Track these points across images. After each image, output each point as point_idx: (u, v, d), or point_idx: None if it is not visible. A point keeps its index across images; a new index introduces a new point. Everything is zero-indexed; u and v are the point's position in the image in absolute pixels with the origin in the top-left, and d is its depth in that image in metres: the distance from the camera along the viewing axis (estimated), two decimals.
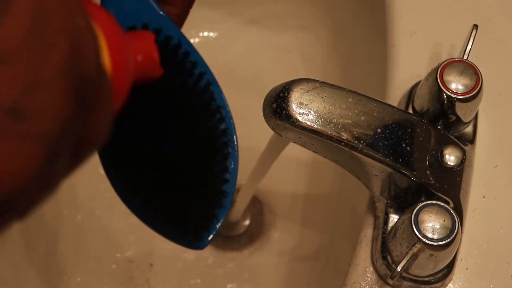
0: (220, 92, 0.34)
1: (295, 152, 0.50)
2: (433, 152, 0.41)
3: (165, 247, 0.63)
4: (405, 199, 0.42)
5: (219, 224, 0.34)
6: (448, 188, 0.42)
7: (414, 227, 0.38)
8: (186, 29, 0.35)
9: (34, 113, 0.21)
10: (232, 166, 0.34)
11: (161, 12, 0.33)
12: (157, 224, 0.35)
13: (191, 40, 0.70)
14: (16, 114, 0.21)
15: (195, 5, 0.36)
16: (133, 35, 0.31)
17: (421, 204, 0.39)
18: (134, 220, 0.35)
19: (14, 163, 0.21)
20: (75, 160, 0.24)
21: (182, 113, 0.34)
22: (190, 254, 0.63)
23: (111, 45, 0.26)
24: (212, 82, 0.34)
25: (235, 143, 0.34)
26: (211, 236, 0.34)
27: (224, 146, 0.34)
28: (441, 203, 0.39)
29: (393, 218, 0.43)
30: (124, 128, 0.32)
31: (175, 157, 0.34)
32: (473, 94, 0.42)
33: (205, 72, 0.34)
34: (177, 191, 0.34)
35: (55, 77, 0.22)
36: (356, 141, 0.39)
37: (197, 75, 0.34)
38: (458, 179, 0.43)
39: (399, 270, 0.39)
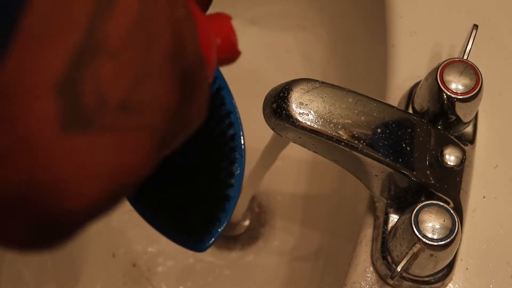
0: (231, 97, 0.34)
1: (295, 152, 0.50)
2: (433, 152, 0.41)
3: (165, 248, 0.63)
4: (405, 199, 0.42)
5: (221, 228, 0.34)
6: (448, 188, 0.42)
7: (414, 227, 0.38)
8: None
9: (143, 105, 0.21)
10: (238, 172, 0.34)
11: None
12: (161, 225, 0.35)
13: None
14: (127, 107, 0.21)
15: None
16: (211, 18, 0.30)
17: (421, 204, 0.39)
18: (134, 221, 0.35)
19: (128, 155, 0.21)
20: (174, 143, 0.25)
21: None
22: (190, 254, 0.63)
23: (201, 31, 0.26)
24: (223, 87, 0.34)
25: (243, 148, 0.34)
26: (213, 239, 0.34)
27: (231, 151, 0.34)
28: (441, 203, 0.39)
29: (393, 218, 0.43)
30: None
31: (184, 163, 0.34)
32: (473, 94, 0.42)
33: (217, 76, 0.34)
34: (184, 196, 0.34)
35: (160, 68, 0.22)
36: (356, 141, 0.39)
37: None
38: (458, 179, 0.43)
39: (399, 270, 0.39)
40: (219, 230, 0.34)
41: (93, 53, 0.20)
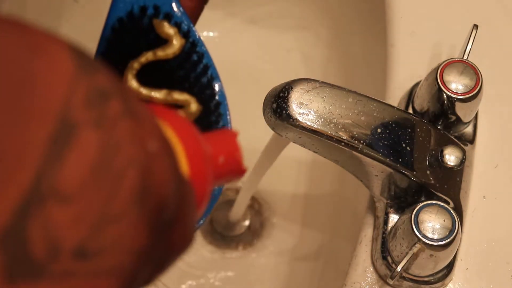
0: (221, 87, 0.34)
1: (295, 152, 0.50)
2: (433, 152, 0.41)
3: None
4: (405, 199, 0.42)
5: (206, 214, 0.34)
6: (448, 188, 0.42)
7: (414, 227, 0.38)
8: None
9: (104, 249, 0.20)
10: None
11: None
12: None
13: None
14: (83, 253, 0.20)
15: None
16: (215, 134, 0.30)
17: (421, 204, 0.39)
18: None
19: None
20: (160, 269, 0.23)
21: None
22: (189, 254, 0.63)
23: (189, 152, 0.25)
24: (215, 77, 0.34)
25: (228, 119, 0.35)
26: (201, 220, 0.34)
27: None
28: (441, 203, 0.39)
29: (393, 218, 0.43)
30: None
31: None
32: (473, 94, 0.42)
33: (210, 65, 0.34)
34: None
35: (125, 210, 0.20)
36: (356, 141, 0.39)
37: (202, 68, 0.34)
38: (458, 179, 0.43)
39: (399, 270, 0.39)
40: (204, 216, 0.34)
41: (43, 199, 0.19)
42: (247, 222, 0.64)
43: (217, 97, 0.34)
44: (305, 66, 0.69)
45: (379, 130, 0.40)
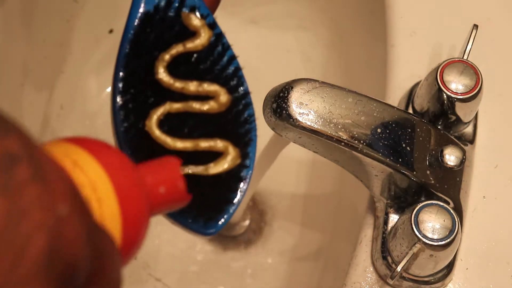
0: (244, 79, 0.34)
1: (295, 152, 0.50)
2: (433, 152, 0.41)
3: (164, 247, 0.63)
4: (405, 199, 0.42)
5: (233, 209, 0.33)
6: (448, 188, 0.42)
7: (414, 227, 0.38)
8: None
9: None
10: (252, 153, 0.34)
11: None
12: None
13: None
14: None
15: None
16: (154, 164, 0.29)
17: (421, 204, 0.39)
18: None
19: None
20: None
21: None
22: (190, 254, 0.63)
23: (120, 191, 0.25)
24: (239, 68, 0.35)
25: (256, 129, 0.34)
26: (225, 218, 0.33)
27: (247, 133, 0.34)
28: (441, 203, 0.39)
29: (393, 218, 0.43)
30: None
31: (199, 132, 0.33)
32: (473, 94, 0.42)
33: (234, 57, 0.34)
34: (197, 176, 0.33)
35: (31, 276, 0.20)
36: (356, 141, 0.39)
37: (227, 59, 0.34)
38: (458, 179, 0.43)
39: (399, 270, 0.39)
40: (231, 210, 0.33)
41: None
42: (247, 222, 0.64)
43: (242, 88, 0.34)
44: (305, 66, 0.69)
45: (379, 130, 0.40)
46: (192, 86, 0.33)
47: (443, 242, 0.38)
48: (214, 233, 0.33)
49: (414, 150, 0.40)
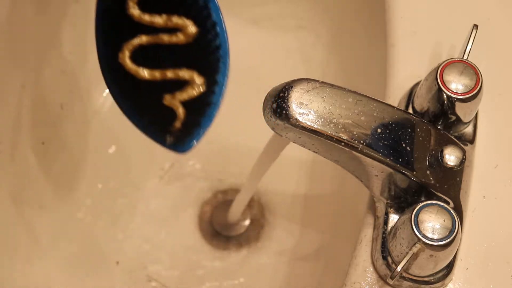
0: (218, 9, 0.37)
1: (295, 152, 0.50)
2: (433, 152, 0.41)
3: (164, 247, 0.63)
4: (405, 199, 0.42)
5: (202, 132, 0.36)
6: (448, 188, 0.42)
7: (414, 227, 0.38)
8: None
9: None
10: (221, 80, 0.37)
11: None
12: (140, 122, 0.37)
13: None
14: None
15: None
16: None
17: (421, 204, 0.39)
18: (133, 224, 0.35)
19: None
20: None
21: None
22: (189, 254, 0.63)
23: None
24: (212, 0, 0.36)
25: (227, 59, 0.37)
26: (194, 141, 0.36)
27: (216, 61, 0.37)
28: (441, 203, 0.39)
29: (393, 218, 0.43)
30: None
31: (169, 63, 0.36)
32: (473, 94, 0.42)
33: None
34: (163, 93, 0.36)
35: None
36: (356, 141, 0.39)
37: None
38: (458, 179, 0.43)
39: (399, 270, 0.39)
40: (201, 133, 0.37)
41: None
42: (247, 222, 0.64)
43: (211, 19, 0.37)
44: (305, 66, 0.69)
45: (379, 130, 0.40)
46: (161, 20, 0.36)
47: (443, 242, 0.38)
48: (185, 152, 0.37)
49: (414, 150, 0.40)
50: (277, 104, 0.39)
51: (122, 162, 0.66)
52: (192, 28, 0.37)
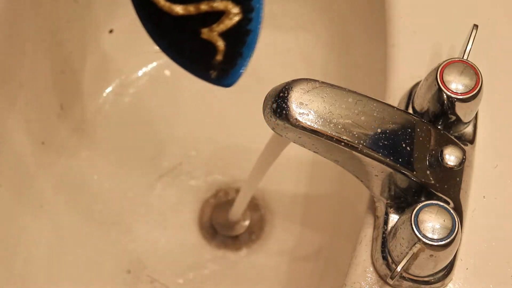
0: None
1: (295, 152, 0.50)
2: (433, 152, 0.41)
3: (164, 247, 0.63)
4: (405, 199, 0.42)
5: (246, 62, 0.36)
6: (448, 188, 0.42)
7: (414, 227, 0.38)
8: None
9: None
10: (258, 5, 0.36)
11: None
12: (183, 62, 0.37)
13: None
14: None
15: None
16: None
17: (421, 204, 0.39)
18: (133, 224, 0.35)
19: None
20: None
21: None
22: (189, 254, 0.63)
23: None
24: None
25: None
26: (240, 71, 0.36)
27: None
28: (441, 203, 0.39)
29: (393, 218, 0.43)
30: None
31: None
32: (473, 94, 0.42)
33: None
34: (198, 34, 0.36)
35: None
36: (356, 141, 0.39)
37: None
38: (458, 179, 0.43)
39: (399, 270, 0.39)
40: (245, 63, 0.37)
41: None
42: (247, 222, 0.64)
43: None
44: (305, 66, 0.69)
45: (379, 130, 0.40)
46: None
47: (443, 242, 0.38)
48: (233, 83, 0.37)
49: (414, 150, 0.40)
50: (277, 104, 0.39)
51: (122, 162, 0.66)
52: (235, 9, 0.36)
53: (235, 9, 0.36)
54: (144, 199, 0.65)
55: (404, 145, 0.40)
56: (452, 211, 0.39)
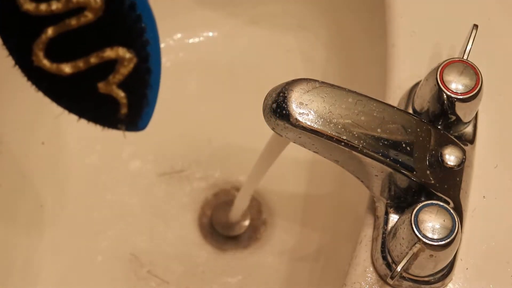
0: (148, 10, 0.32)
1: (295, 152, 0.50)
2: (433, 152, 0.41)
3: (164, 247, 0.63)
4: (405, 199, 0.42)
5: (154, 102, 0.33)
6: (448, 188, 0.42)
7: (414, 227, 0.38)
8: (186, 29, 0.35)
9: None
10: (152, 54, 0.33)
11: None
12: (89, 111, 0.34)
13: (191, 40, 0.70)
14: None
15: (195, 5, 0.36)
16: None
17: (421, 204, 0.39)
18: (134, 223, 0.35)
19: None
20: None
21: None
22: (189, 254, 0.63)
23: None
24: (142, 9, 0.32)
25: (155, 28, 0.32)
26: (151, 113, 0.34)
27: (140, 33, 0.32)
28: (441, 203, 0.39)
29: (393, 218, 0.43)
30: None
31: (89, 47, 0.32)
32: (473, 94, 0.42)
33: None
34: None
35: None
36: (356, 141, 0.39)
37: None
38: (458, 179, 0.43)
39: (399, 270, 0.39)
40: (151, 107, 0.34)
41: None
42: (247, 222, 0.64)
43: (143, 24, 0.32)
44: (305, 66, 0.69)
45: (379, 130, 0.40)
46: (60, 4, 0.32)
47: (443, 242, 0.38)
48: (145, 126, 0.34)
49: (414, 150, 0.40)
50: (277, 104, 0.39)
51: (122, 162, 0.66)
52: (95, 0, 0.32)
53: (127, 54, 0.33)
54: (145, 199, 0.65)
55: (404, 145, 0.40)
56: (452, 211, 0.39)
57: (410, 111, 0.46)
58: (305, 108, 0.39)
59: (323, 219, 0.63)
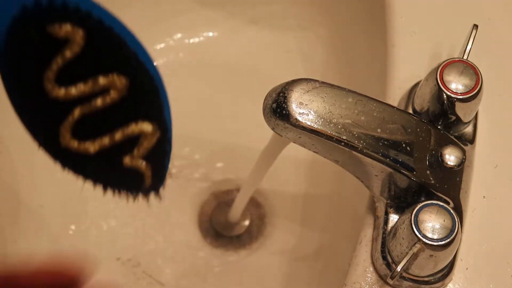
0: (139, 45, 0.32)
1: (295, 152, 0.50)
2: (433, 152, 0.41)
3: (164, 247, 0.63)
4: (405, 199, 0.42)
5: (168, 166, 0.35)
6: (448, 188, 0.42)
7: (414, 227, 0.38)
8: (186, 29, 0.35)
9: None
10: (167, 120, 0.34)
11: None
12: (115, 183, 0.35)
13: (191, 40, 0.70)
14: None
15: (195, 5, 0.36)
16: None
17: (421, 204, 0.39)
18: (134, 223, 0.35)
19: None
20: None
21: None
22: (189, 254, 0.63)
23: None
24: (129, 45, 0.32)
25: (165, 93, 0.33)
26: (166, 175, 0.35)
27: (156, 101, 0.33)
28: (441, 203, 0.39)
29: (393, 218, 0.43)
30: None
31: (113, 124, 0.33)
32: (473, 94, 0.42)
33: (121, 36, 0.31)
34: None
35: None
36: (356, 141, 0.39)
37: (111, 36, 0.31)
38: (458, 179, 0.43)
39: (399, 270, 0.39)
40: (167, 169, 0.35)
41: None
42: (247, 222, 0.64)
43: (136, 62, 0.32)
44: (305, 66, 0.69)
45: (379, 130, 0.40)
46: (87, 87, 0.32)
47: (443, 242, 0.38)
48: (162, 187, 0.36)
49: (414, 150, 0.40)
50: (277, 104, 0.39)
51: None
52: (119, 80, 0.32)
53: (150, 128, 0.34)
54: (144, 199, 0.65)
55: (404, 145, 0.40)
56: (452, 211, 0.39)
57: (410, 111, 0.46)
58: (305, 108, 0.39)
59: (323, 219, 0.63)
